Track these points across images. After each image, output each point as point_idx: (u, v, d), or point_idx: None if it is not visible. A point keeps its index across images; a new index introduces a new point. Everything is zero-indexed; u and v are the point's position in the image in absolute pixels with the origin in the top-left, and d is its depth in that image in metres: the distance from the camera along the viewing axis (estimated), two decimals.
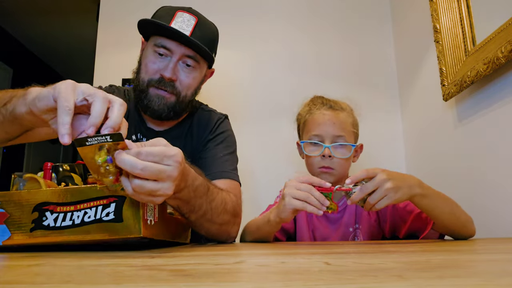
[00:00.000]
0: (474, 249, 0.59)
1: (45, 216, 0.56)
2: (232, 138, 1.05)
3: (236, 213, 0.87)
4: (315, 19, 1.77)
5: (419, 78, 1.52)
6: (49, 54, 4.01)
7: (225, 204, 0.82)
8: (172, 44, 0.91)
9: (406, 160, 1.64)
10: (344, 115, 1.02)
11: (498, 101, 1.05)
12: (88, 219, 0.55)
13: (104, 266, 0.39)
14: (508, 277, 0.29)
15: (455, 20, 1.22)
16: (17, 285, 0.27)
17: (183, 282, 0.28)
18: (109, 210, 0.55)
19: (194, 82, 0.96)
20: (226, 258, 0.47)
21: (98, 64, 1.75)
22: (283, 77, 1.71)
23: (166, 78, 0.91)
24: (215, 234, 0.83)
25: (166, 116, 0.94)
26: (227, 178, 0.94)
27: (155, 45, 0.92)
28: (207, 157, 0.97)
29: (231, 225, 0.86)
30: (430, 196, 0.77)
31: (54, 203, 0.56)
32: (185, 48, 0.91)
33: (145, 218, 0.56)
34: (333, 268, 0.35)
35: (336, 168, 0.97)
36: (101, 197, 0.56)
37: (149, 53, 0.93)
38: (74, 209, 0.56)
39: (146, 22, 0.91)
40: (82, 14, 3.17)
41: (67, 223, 0.56)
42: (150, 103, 0.92)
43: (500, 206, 1.05)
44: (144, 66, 0.93)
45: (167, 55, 0.92)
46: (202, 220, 0.77)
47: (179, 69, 0.93)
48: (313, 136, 0.99)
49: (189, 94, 0.96)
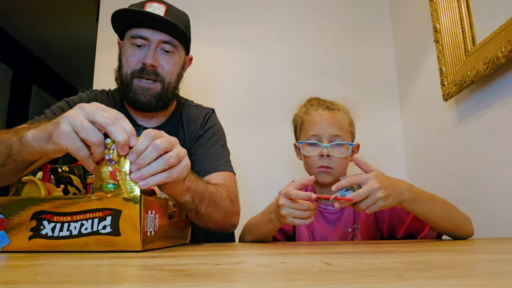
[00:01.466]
0: (473, 249, 0.59)
1: (43, 225, 0.56)
2: (221, 132, 1.08)
3: (232, 199, 0.90)
4: (315, 19, 1.77)
5: (419, 78, 1.52)
6: (49, 54, 4.01)
7: (219, 191, 0.86)
8: (148, 32, 0.93)
9: (406, 160, 1.64)
10: (341, 115, 1.02)
11: (498, 101, 1.05)
12: (85, 230, 0.55)
13: (104, 266, 0.39)
14: (508, 277, 0.29)
15: (455, 20, 1.22)
16: (17, 285, 0.27)
17: (183, 282, 0.28)
18: (105, 223, 0.55)
19: (175, 68, 0.98)
20: (226, 258, 0.47)
21: (98, 64, 1.75)
22: (283, 77, 1.71)
23: (147, 65, 0.92)
24: (220, 223, 0.86)
25: (155, 106, 0.96)
26: (222, 170, 0.97)
27: (132, 37, 0.94)
28: (200, 153, 0.99)
29: (232, 212, 0.90)
30: (420, 200, 0.77)
31: (51, 212, 0.56)
32: (161, 33, 0.93)
33: (144, 231, 0.56)
34: (333, 268, 0.35)
35: (334, 168, 0.97)
36: (97, 210, 0.55)
37: (127, 47, 0.95)
38: (70, 220, 0.56)
39: (120, 12, 0.92)
40: (82, 14, 3.17)
41: (64, 234, 0.55)
42: (136, 96, 0.94)
43: (500, 206, 1.05)
44: (125, 61, 0.95)
45: (144, 45, 0.94)
46: (209, 209, 0.80)
47: (158, 55, 0.95)
48: (311, 136, 1.00)
49: (173, 80, 0.98)
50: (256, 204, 1.24)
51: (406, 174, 1.63)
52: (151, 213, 0.58)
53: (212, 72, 1.68)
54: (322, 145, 0.97)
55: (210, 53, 1.68)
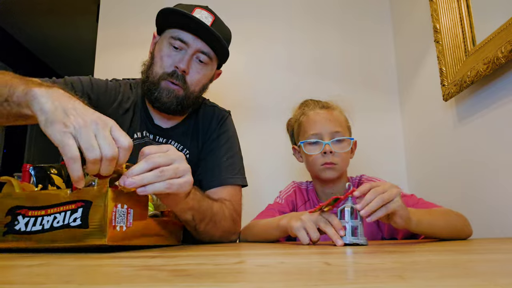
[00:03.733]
0: (474, 249, 0.59)
1: (17, 220, 0.55)
2: (235, 137, 1.06)
3: (234, 219, 0.91)
4: (315, 19, 1.77)
5: (419, 78, 1.52)
6: (49, 54, 4.01)
7: (223, 211, 0.86)
8: (189, 37, 0.91)
9: (406, 160, 1.64)
10: (337, 112, 1.04)
11: (498, 101, 1.05)
12: (57, 224, 0.54)
13: (104, 266, 0.39)
14: (508, 277, 0.29)
15: (455, 20, 1.22)
16: (17, 285, 0.27)
17: (183, 282, 0.28)
18: (76, 216, 0.54)
19: (203, 79, 0.96)
20: (226, 258, 0.47)
21: (98, 64, 1.75)
22: (283, 77, 1.71)
23: (180, 69, 0.91)
24: (217, 240, 0.87)
25: (174, 109, 0.94)
26: (230, 184, 0.96)
27: (172, 37, 0.92)
28: (211, 161, 0.98)
29: (232, 231, 0.91)
30: (422, 221, 0.74)
31: (26, 207, 0.55)
32: (202, 42, 0.91)
33: (112, 225, 0.54)
34: (333, 268, 0.35)
35: (338, 163, 0.99)
36: (70, 202, 0.54)
37: (164, 46, 0.93)
38: (44, 214, 0.55)
39: (169, 11, 0.90)
40: (82, 14, 3.17)
41: (36, 228, 0.55)
42: (160, 95, 0.92)
43: (500, 206, 1.05)
44: (159, 59, 0.93)
45: (182, 48, 0.92)
46: (208, 227, 0.81)
47: (192, 63, 0.93)
48: (311, 136, 1.00)
49: (197, 90, 0.96)
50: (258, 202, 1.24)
51: (406, 174, 1.63)
52: (122, 207, 0.56)
53: None
54: (324, 142, 0.97)
55: None
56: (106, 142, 0.53)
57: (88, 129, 0.53)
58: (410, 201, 0.92)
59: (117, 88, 1.00)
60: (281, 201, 1.06)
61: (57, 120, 0.53)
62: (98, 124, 0.54)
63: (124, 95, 1.00)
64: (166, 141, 0.99)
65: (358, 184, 1.05)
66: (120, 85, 1.01)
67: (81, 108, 0.56)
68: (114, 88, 0.99)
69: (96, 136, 0.53)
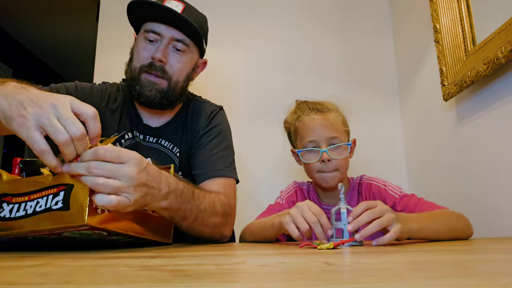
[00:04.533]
0: (474, 249, 0.59)
1: (2, 208, 0.56)
2: (226, 131, 1.04)
3: (226, 213, 0.88)
4: (315, 19, 1.77)
5: (419, 78, 1.52)
6: (49, 54, 4.01)
7: (214, 206, 0.83)
8: (161, 28, 0.91)
9: (406, 160, 1.64)
10: (333, 115, 1.01)
11: (498, 101, 1.05)
12: (39, 208, 0.55)
13: (104, 266, 0.39)
14: (508, 277, 0.29)
15: (455, 20, 1.22)
16: (17, 285, 0.27)
17: (183, 283, 0.28)
18: (58, 199, 0.54)
19: (184, 67, 0.96)
20: (226, 258, 0.47)
21: (98, 64, 1.75)
22: (283, 77, 1.71)
23: (156, 59, 0.91)
24: (208, 236, 0.85)
25: (159, 103, 0.93)
26: (221, 176, 0.94)
27: (145, 31, 0.93)
28: (201, 154, 0.97)
29: (224, 226, 0.88)
30: (424, 227, 0.76)
31: (10, 194, 0.56)
32: (174, 30, 0.91)
33: (93, 206, 0.54)
34: (333, 268, 0.35)
35: (338, 169, 0.97)
36: (53, 186, 0.55)
37: (139, 41, 0.94)
38: (28, 199, 0.56)
39: (136, 3, 0.90)
40: (82, 14, 3.17)
41: (20, 214, 0.55)
42: (142, 89, 0.92)
43: (500, 206, 1.05)
44: (136, 54, 0.94)
45: (156, 40, 0.92)
46: (194, 225, 0.79)
47: (169, 52, 0.93)
48: (307, 143, 0.98)
49: (180, 80, 0.95)
50: (259, 203, 1.24)
51: (406, 174, 1.63)
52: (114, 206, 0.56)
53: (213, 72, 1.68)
54: (321, 150, 0.96)
55: (211, 53, 1.68)
56: (69, 122, 0.52)
57: (48, 114, 0.52)
58: (411, 202, 0.92)
59: (104, 90, 1.01)
60: (282, 201, 1.05)
61: (15, 114, 0.53)
62: (57, 106, 0.53)
63: (111, 96, 1.00)
64: (156, 141, 0.98)
65: (359, 185, 1.05)
66: (106, 87, 1.02)
67: (36, 95, 0.55)
68: (100, 90, 1.00)
69: (58, 119, 0.52)
